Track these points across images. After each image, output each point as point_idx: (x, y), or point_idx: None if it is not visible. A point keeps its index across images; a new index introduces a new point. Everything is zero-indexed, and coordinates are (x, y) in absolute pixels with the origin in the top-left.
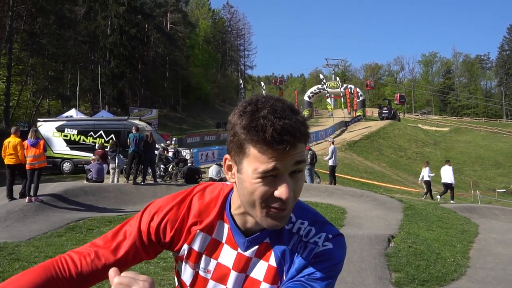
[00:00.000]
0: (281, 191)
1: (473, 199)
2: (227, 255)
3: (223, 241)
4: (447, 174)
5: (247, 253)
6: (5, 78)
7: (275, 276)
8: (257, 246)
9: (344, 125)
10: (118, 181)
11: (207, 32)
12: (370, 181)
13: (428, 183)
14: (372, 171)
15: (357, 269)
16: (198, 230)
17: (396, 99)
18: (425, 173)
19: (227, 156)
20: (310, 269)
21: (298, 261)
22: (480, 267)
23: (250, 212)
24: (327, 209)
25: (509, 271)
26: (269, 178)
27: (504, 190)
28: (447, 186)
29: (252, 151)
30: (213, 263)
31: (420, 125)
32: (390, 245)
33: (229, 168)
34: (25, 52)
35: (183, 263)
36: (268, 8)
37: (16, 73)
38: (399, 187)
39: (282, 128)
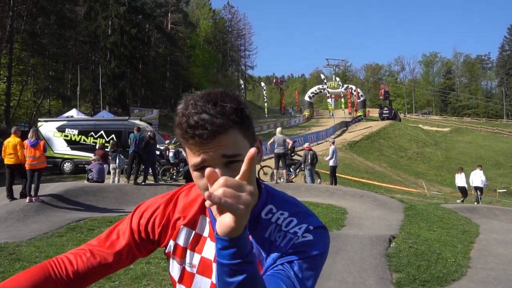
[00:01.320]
0: None
1: (474, 199)
2: (210, 249)
3: (206, 234)
4: (478, 178)
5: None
6: (5, 78)
7: None
8: None
9: (344, 126)
10: (118, 181)
11: (208, 32)
12: (371, 182)
13: (463, 189)
14: (372, 171)
15: (358, 270)
16: (182, 225)
17: (381, 94)
18: (460, 179)
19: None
20: (288, 258)
21: (276, 250)
22: (481, 268)
23: None
24: (328, 210)
25: (510, 271)
26: (204, 170)
27: (505, 190)
28: (478, 190)
29: (186, 147)
30: (197, 258)
31: (420, 126)
32: (391, 245)
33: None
34: (25, 52)
35: (171, 260)
36: (269, 8)
37: (16, 73)
38: (399, 187)
39: (194, 123)
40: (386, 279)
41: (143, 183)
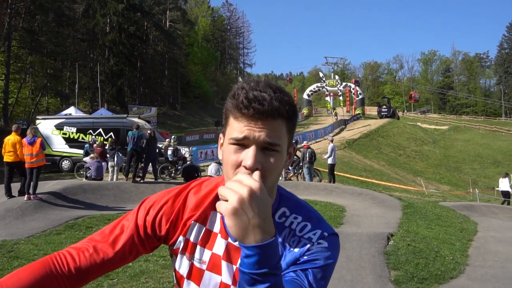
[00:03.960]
0: (246, 159)
1: (472, 197)
2: (220, 245)
3: (216, 230)
4: None
5: (237, 243)
6: (3, 76)
7: None
8: None
9: (343, 124)
10: (117, 179)
11: (206, 30)
12: (369, 180)
13: (507, 194)
14: (371, 169)
15: (356, 267)
16: (193, 221)
17: (352, 82)
18: (504, 184)
19: (220, 134)
20: (303, 266)
21: (290, 255)
22: (479, 265)
23: None
24: (326, 207)
25: (508, 269)
26: (240, 146)
27: None
28: None
29: (230, 120)
30: (207, 254)
31: (419, 124)
32: (389, 243)
33: (221, 145)
34: (23, 49)
35: (179, 256)
36: (268, 6)
37: (14, 70)
38: (398, 185)
39: (253, 96)
40: (384, 277)
41: (141, 181)
